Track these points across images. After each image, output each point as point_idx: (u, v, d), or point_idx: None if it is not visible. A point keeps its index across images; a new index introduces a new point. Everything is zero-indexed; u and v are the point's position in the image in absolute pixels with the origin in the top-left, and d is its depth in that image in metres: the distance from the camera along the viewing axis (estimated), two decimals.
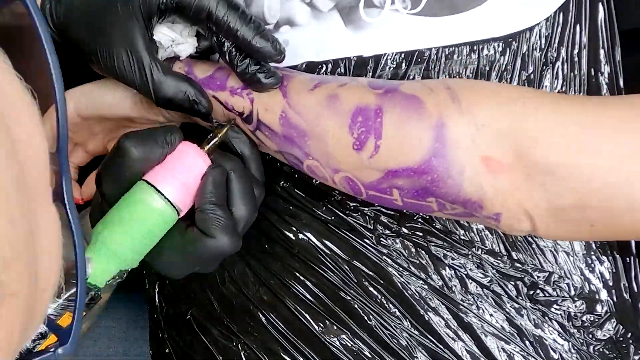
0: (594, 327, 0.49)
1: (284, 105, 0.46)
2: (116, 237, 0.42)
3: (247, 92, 0.48)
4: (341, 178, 0.46)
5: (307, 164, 0.47)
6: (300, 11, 0.55)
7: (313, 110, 0.45)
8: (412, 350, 0.53)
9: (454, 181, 0.41)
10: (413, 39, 0.53)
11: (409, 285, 0.53)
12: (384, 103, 0.43)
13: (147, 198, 0.43)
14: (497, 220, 0.42)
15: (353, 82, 0.46)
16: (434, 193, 0.43)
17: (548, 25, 0.50)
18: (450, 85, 0.43)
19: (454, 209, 0.44)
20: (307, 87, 0.47)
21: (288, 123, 0.46)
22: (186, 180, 0.45)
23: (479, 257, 0.52)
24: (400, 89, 0.44)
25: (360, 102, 0.44)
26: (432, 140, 0.41)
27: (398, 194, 0.44)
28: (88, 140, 0.58)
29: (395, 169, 0.43)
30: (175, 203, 0.44)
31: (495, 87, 0.44)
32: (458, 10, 0.51)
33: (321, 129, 0.45)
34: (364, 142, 0.43)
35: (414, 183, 0.43)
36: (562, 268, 0.50)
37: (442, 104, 0.42)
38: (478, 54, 0.51)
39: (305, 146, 0.46)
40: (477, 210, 0.42)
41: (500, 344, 0.51)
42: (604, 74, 0.49)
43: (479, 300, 0.51)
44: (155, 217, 0.43)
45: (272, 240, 0.58)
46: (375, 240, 0.54)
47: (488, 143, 0.40)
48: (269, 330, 0.57)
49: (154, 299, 0.65)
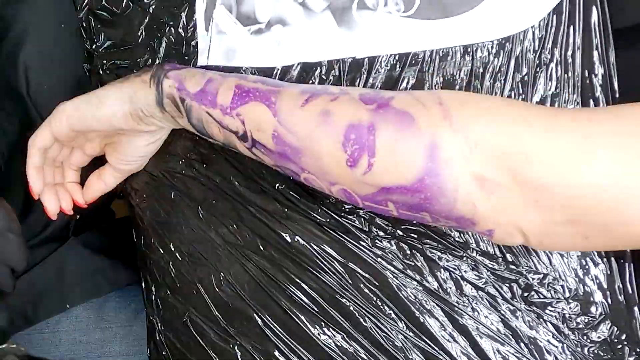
0: (588, 329, 0.49)
1: (275, 125, 0.46)
2: None
3: (236, 112, 0.48)
4: (338, 190, 0.46)
5: (304, 176, 0.48)
6: (292, 11, 0.55)
7: (305, 128, 0.45)
8: (408, 352, 0.53)
9: (447, 199, 0.42)
10: (405, 42, 0.52)
11: (404, 287, 0.53)
12: (376, 120, 0.43)
13: None
14: (489, 235, 0.43)
15: (344, 95, 0.46)
16: (428, 210, 0.43)
17: (542, 26, 0.49)
18: (442, 100, 0.43)
19: (448, 223, 0.44)
20: (298, 102, 0.46)
21: (281, 141, 0.46)
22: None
23: (473, 259, 0.52)
24: (392, 105, 0.44)
25: (353, 118, 0.44)
26: (425, 159, 0.41)
27: (393, 207, 0.44)
28: (85, 144, 0.58)
29: (389, 186, 0.43)
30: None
31: (489, 103, 0.43)
32: (451, 14, 0.51)
33: (315, 147, 0.45)
34: (358, 159, 0.43)
35: (408, 200, 0.43)
36: (557, 270, 0.50)
37: (435, 122, 0.42)
38: (472, 55, 0.51)
39: (300, 162, 0.46)
40: (470, 226, 0.43)
41: (495, 346, 0.51)
42: (598, 75, 0.49)
43: (474, 302, 0.52)
44: None
45: (268, 242, 0.58)
46: (371, 243, 0.54)
47: (481, 162, 0.40)
48: (265, 332, 0.58)
49: (152, 302, 0.65)
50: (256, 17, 0.56)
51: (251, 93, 0.48)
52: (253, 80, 0.49)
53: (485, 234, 0.43)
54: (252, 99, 0.48)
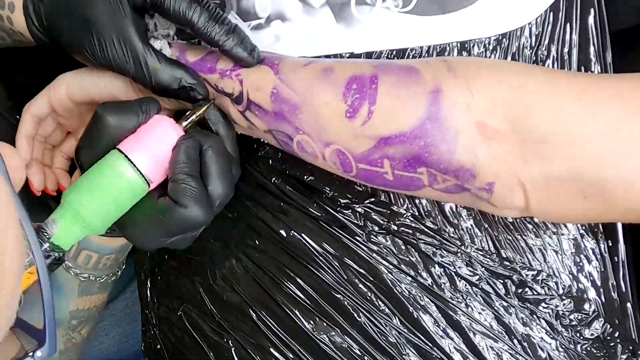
0: (581, 326, 0.49)
1: (275, 82, 0.46)
2: (82, 200, 0.43)
3: (236, 73, 0.48)
4: (331, 152, 0.46)
5: (297, 139, 0.47)
6: (291, 6, 0.55)
7: (306, 83, 0.45)
8: (401, 347, 0.53)
9: (448, 146, 0.41)
10: (404, 37, 0.53)
11: (398, 283, 0.53)
12: (380, 71, 0.44)
13: (118, 165, 0.44)
14: (489, 191, 0.42)
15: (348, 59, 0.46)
16: (426, 161, 0.42)
17: (538, 23, 0.49)
18: (446, 58, 0.44)
19: (445, 181, 0.43)
20: (301, 63, 0.47)
21: (279, 98, 0.46)
22: (159, 152, 0.45)
23: (468, 255, 0.52)
24: (396, 62, 0.45)
25: (356, 71, 0.44)
26: (427, 104, 0.41)
27: (389, 166, 0.44)
28: (79, 128, 0.58)
29: (388, 136, 0.42)
30: (145, 173, 0.44)
31: (490, 60, 0.44)
32: (449, 10, 0.51)
33: (314, 100, 0.45)
34: (358, 108, 0.43)
35: (406, 150, 0.42)
36: (551, 267, 0.50)
37: (438, 73, 0.42)
38: (469, 51, 0.51)
39: (296, 120, 0.46)
40: (469, 180, 0.42)
41: (488, 342, 0.51)
42: (594, 73, 0.49)
43: (468, 298, 0.52)
44: (123, 184, 0.44)
45: (263, 237, 0.58)
46: (366, 238, 0.54)
47: (483, 110, 0.40)
48: (260, 326, 0.58)
49: (146, 295, 0.65)
50: (256, 12, 0.56)
51: None
52: None
53: (485, 192, 0.42)
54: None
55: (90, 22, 0.46)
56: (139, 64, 0.46)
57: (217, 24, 0.45)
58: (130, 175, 0.44)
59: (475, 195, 0.43)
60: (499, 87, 0.40)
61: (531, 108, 0.39)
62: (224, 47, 0.46)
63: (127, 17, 0.46)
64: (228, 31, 0.46)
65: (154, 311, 0.65)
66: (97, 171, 0.44)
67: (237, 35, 0.46)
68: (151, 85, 0.47)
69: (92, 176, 0.44)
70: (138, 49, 0.46)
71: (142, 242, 0.47)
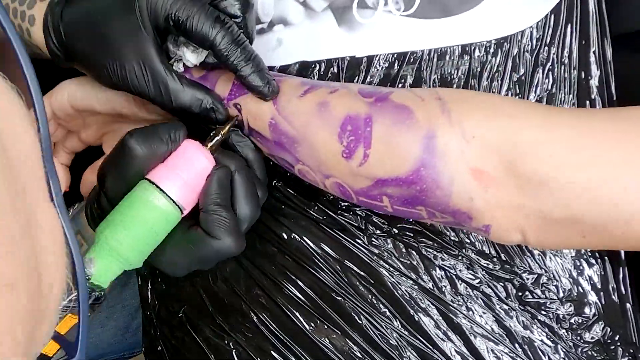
0: (582, 329, 0.49)
1: (273, 113, 0.46)
2: (119, 237, 0.42)
3: (234, 102, 0.48)
4: (332, 183, 0.46)
5: (298, 168, 0.48)
6: (294, 10, 0.56)
7: (302, 118, 0.45)
8: (402, 350, 0.53)
9: (443, 192, 0.41)
10: (405, 41, 0.53)
11: (399, 286, 0.53)
12: (374, 112, 0.44)
13: (150, 197, 0.43)
14: (486, 231, 0.43)
15: (343, 88, 0.46)
16: (423, 202, 0.43)
17: (539, 27, 0.50)
18: (441, 95, 0.43)
19: (444, 218, 0.44)
20: (297, 93, 0.47)
21: (278, 130, 0.46)
22: (189, 178, 0.44)
23: (469, 258, 0.52)
24: (391, 98, 0.44)
25: (350, 110, 0.44)
26: (421, 151, 0.41)
27: (388, 201, 0.44)
28: (81, 129, 0.58)
29: (385, 178, 0.43)
30: (179, 202, 0.44)
31: (486, 98, 0.43)
32: (450, 13, 0.51)
33: (311, 137, 0.45)
34: (354, 150, 0.43)
35: (403, 192, 0.43)
36: (551, 270, 0.50)
37: (432, 115, 0.42)
38: (470, 55, 0.51)
39: (295, 152, 0.46)
40: (466, 221, 0.42)
41: (489, 345, 0.51)
42: (594, 76, 0.49)
43: (469, 302, 0.52)
44: (158, 216, 0.43)
45: (264, 240, 0.58)
46: (367, 241, 0.54)
47: (478, 156, 0.40)
48: (261, 329, 0.58)
49: (147, 297, 0.65)
50: (259, 17, 0.56)
51: None
52: None
53: (482, 231, 0.43)
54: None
55: (110, 43, 0.45)
56: (158, 86, 0.46)
57: (238, 48, 0.45)
58: (164, 206, 0.43)
59: (473, 230, 0.44)
60: (495, 132, 0.40)
61: (528, 155, 0.39)
62: (241, 72, 0.45)
63: (149, 37, 0.45)
64: (248, 58, 0.45)
65: (154, 312, 0.65)
66: (131, 205, 0.43)
67: (257, 64, 0.46)
68: (171, 107, 0.47)
69: (126, 210, 0.43)
70: (160, 71, 0.45)
71: (173, 271, 0.47)
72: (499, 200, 0.40)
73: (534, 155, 0.39)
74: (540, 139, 0.40)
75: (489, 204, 0.41)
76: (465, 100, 0.43)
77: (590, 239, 0.40)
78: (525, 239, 0.42)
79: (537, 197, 0.39)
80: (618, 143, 0.38)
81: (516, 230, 0.41)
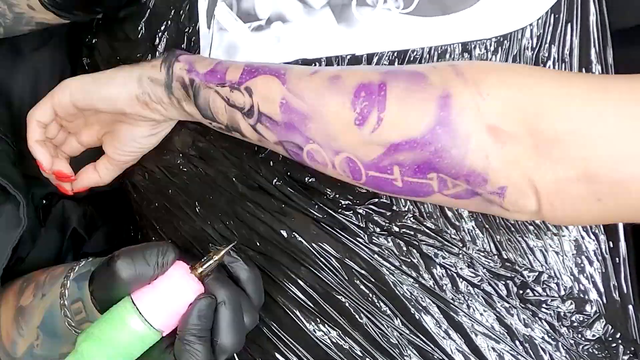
0: (583, 327, 0.49)
1: (283, 92, 0.46)
2: (93, 352, 0.44)
3: (244, 86, 0.48)
4: (341, 160, 0.45)
5: (308, 149, 0.47)
6: (292, 7, 0.55)
7: (314, 92, 0.45)
8: (403, 348, 0.53)
9: (459, 151, 0.41)
10: (405, 39, 0.53)
11: (400, 284, 0.53)
12: (388, 78, 0.43)
13: (129, 320, 0.44)
14: (501, 195, 0.41)
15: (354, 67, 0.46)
16: (437, 166, 0.42)
17: (539, 24, 0.49)
18: (454, 63, 0.43)
19: (456, 187, 0.43)
20: (307, 72, 0.47)
21: (289, 108, 0.46)
22: (172, 305, 0.45)
23: (469, 256, 0.52)
24: (404, 67, 0.44)
25: (363, 79, 0.44)
26: (437, 108, 0.41)
27: (399, 172, 0.43)
28: (82, 130, 0.58)
29: (398, 142, 0.42)
30: (157, 327, 0.45)
31: (499, 64, 0.44)
32: (450, 11, 0.51)
33: (323, 109, 0.45)
34: (367, 116, 0.43)
35: (416, 156, 0.42)
36: (552, 268, 0.50)
37: (447, 78, 0.42)
38: (470, 53, 0.51)
39: (306, 130, 0.46)
40: (480, 184, 0.41)
41: (490, 343, 0.51)
42: (595, 74, 0.49)
43: (470, 300, 0.52)
44: (134, 339, 0.45)
45: (265, 239, 0.58)
46: (367, 239, 0.54)
47: (494, 112, 0.40)
48: (261, 327, 0.58)
49: None
50: (256, 14, 0.56)
51: (260, 69, 0.48)
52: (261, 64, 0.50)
53: (497, 195, 0.41)
54: (261, 73, 0.48)
55: None
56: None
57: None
58: (141, 330, 0.44)
59: (486, 200, 0.43)
60: (510, 90, 0.40)
61: (543, 110, 0.39)
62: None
63: None
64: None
65: None
66: (110, 322, 0.45)
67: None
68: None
69: (105, 327, 0.45)
70: None
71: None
72: (516, 157, 0.40)
73: (550, 111, 0.39)
74: (555, 95, 0.39)
75: (504, 162, 0.40)
76: (479, 65, 0.43)
77: (606, 203, 0.39)
78: (540, 203, 0.41)
79: (554, 154, 0.39)
80: (634, 98, 0.37)
81: (532, 192, 0.40)
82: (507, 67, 0.43)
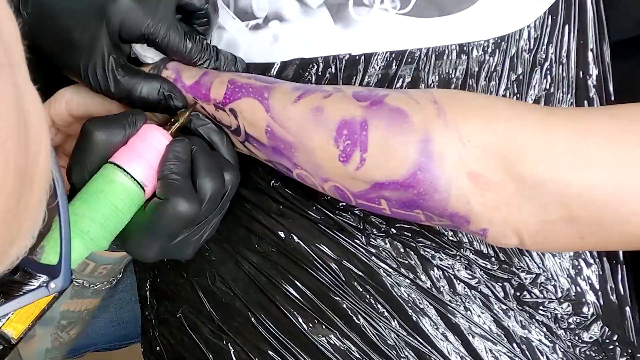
0: (580, 329, 0.49)
1: (268, 120, 0.46)
2: (78, 210, 0.43)
3: (229, 108, 0.48)
4: (331, 186, 0.46)
5: (297, 172, 0.47)
6: (289, 6, 0.55)
7: (298, 123, 0.45)
8: (400, 350, 0.53)
9: (441, 195, 0.41)
10: (402, 39, 0.52)
11: (397, 286, 0.53)
12: (369, 116, 0.43)
13: (113, 176, 0.44)
14: (483, 235, 0.43)
15: (337, 92, 0.46)
16: (421, 206, 0.43)
17: (537, 26, 0.49)
18: (436, 98, 0.43)
19: (442, 221, 0.44)
20: (291, 99, 0.46)
21: (274, 136, 0.46)
22: (150, 158, 0.46)
23: (467, 258, 0.52)
24: (386, 102, 0.44)
25: (345, 114, 0.44)
26: (417, 154, 0.41)
27: (386, 204, 0.44)
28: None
29: (382, 182, 0.43)
30: (140, 180, 0.45)
31: (482, 101, 0.43)
32: (447, 12, 0.51)
33: (307, 142, 0.45)
34: (350, 154, 0.43)
35: (401, 195, 0.43)
36: (549, 270, 0.50)
37: (428, 119, 0.42)
38: (468, 54, 0.51)
39: (293, 157, 0.46)
40: (463, 224, 0.42)
41: (487, 345, 0.51)
42: (592, 76, 0.49)
43: (467, 301, 0.52)
44: (121, 193, 0.44)
45: (262, 240, 0.58)
46: (365, 241, 0.54)
47: (475, 159, 0.40)
48: (258, 329, 0.58)
49: (145, 297, 0.65)
50: (253, 12, 0.56)
51: (244, 89, 0.48)
52: (246, 77, 0.50)
53: (479, 234, 0.43)
54: (244, 94, 0.48)
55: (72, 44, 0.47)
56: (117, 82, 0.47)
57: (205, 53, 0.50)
58: (127, 183, 0.44)
59: (471, 233, 0.44)
60: (492, 135, 0.40)
61: (525, 157, 0.39)
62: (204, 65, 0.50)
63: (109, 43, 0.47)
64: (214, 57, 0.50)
65: (153, 313, 0.65)
66: (95, 185, 0.45)
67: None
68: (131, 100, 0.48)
69: (91, 191, 0.44)
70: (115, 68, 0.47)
71: (140, 253, 0.47)
72: (496, 203, 0.40)
73: (530, 158, 0.39)
74: (537, 141, 0.39)
75: (486, 208, 0.41)
76: (461, 103, 0.42)
77: (588, 240, 0.40)
78: (523, 241, 0.42)
79: (535, 199, 0.39)
80: (614, 143, 0.38)
81: (513, 233, 0.41)
82: (489, 106, 0.43)
